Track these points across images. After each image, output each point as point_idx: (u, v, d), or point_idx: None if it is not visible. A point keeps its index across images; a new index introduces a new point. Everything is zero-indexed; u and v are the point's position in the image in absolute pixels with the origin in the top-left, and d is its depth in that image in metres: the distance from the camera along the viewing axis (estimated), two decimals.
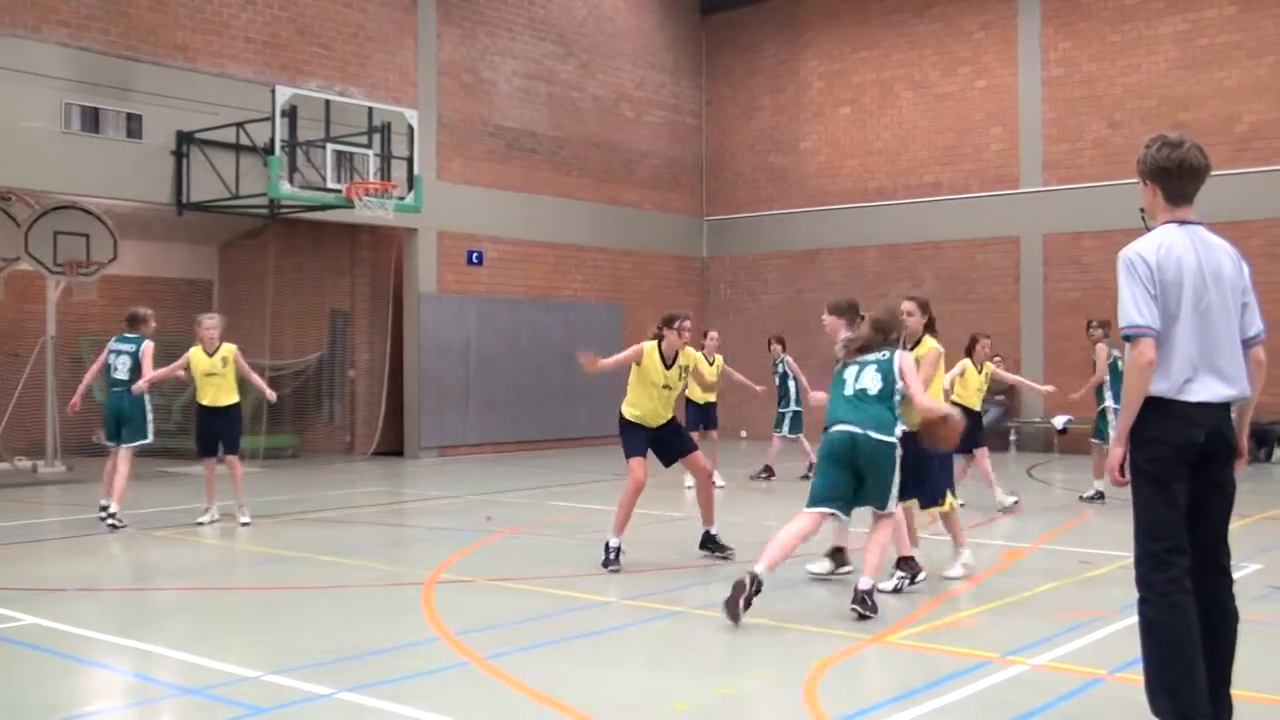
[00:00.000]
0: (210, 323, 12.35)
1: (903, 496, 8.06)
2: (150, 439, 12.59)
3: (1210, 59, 19.81)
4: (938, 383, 8.97)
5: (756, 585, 7.21)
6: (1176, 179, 5.00)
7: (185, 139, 16.94)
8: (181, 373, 12.72)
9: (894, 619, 7.50)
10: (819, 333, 25.86)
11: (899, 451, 7.68)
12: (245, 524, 11.97)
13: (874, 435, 7.57)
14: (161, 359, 12.77)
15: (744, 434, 23.35)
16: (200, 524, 12.01)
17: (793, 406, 16.30)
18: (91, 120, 16.28)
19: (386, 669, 6.39)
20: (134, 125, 16.64)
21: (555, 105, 22.59)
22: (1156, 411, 4.76)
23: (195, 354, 12.24)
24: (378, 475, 17.59)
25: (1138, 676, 6.02)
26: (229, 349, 12.27)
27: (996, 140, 21.98)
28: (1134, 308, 4.76)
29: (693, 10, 25.58)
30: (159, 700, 6.05)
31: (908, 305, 8.84)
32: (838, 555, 8.94)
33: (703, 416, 15.51)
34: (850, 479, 7.61)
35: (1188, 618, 4.73)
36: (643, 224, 24.19)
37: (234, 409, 12.40)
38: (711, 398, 15.36)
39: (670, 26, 25.02)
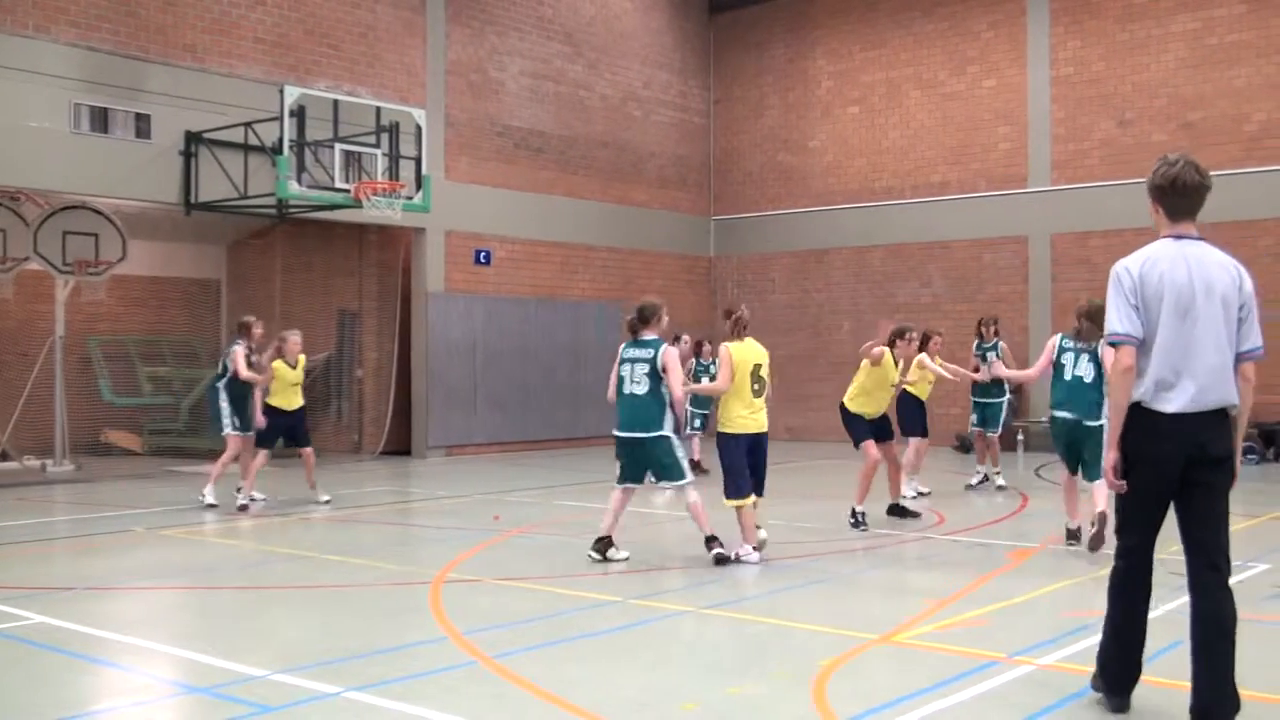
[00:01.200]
0: (295, 339, 13.62)
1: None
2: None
3: (1220, 58, 19.76)
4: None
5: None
6: (1171, 196, 5.28)
7: (194, 139, 16.97)
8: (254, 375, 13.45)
9: (902, 619, 7.49)
10: (829, 332, 25.85)
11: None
12: (326, 501, 13.42)
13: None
14: (170, 358, 13.26)
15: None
16: (242, 506, 12.99)
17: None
18: (100, 120, 16.32)
19: (394, 668, 6.40)
20: (143, 125, 16.68)
21: (563, 105, 22.59)
22: (1134, 419, 5.10)
23: (280, 367, 13.42)
24: (385, 474, 17.60)
25: (1146, 677, 6.02)
26: (302, 359, 13.70)
27: (1005, 139, 21.94)
28: (1116, 317, 5.14)
29: (701, 9, 25.57)
30: (167, 699, 6.05)
31: None
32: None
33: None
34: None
35: (1133, 611, 5.30)
36: (650, 223, 24.19)
37: (302, 411, 13.76)
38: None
39: (678, 26, 25.02)
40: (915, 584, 8.98)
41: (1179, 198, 5.27)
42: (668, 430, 9.51)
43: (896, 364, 11.83)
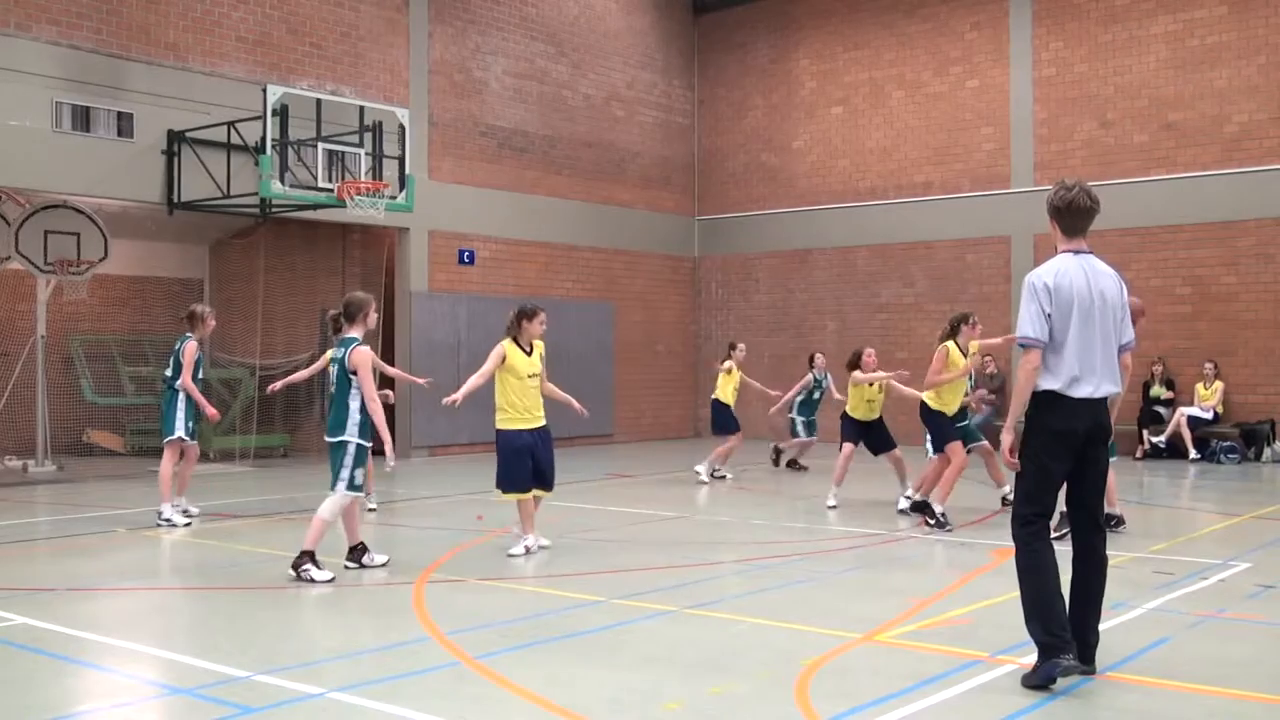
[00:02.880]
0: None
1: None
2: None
3: (1201, 59, 19.86)
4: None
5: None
6: (1067, 216, 6.18)
7: (176, 138, 16.91)
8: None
9: (884, 618, 7.51)
10: (812, 332, 25.88)
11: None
12: (372, 509, 12.98)
13: None
14: (153, 358, 13.03)
15: None
16: (370, 509, 12.91)
17: None
18: (82, 119, 16.25)
19: (377, 669, 6.39)
20: (125, 124, 16.61)
21: (547, 105, 22.58)
22: (1048, 405, 6.00)
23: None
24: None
25: (1128, 676, 6.07)
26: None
27: (988, 140, 22.01)
28: (1028, 322, 6.01)
29: (684, 10, 25.58)
30: (149, 700, 6.03)
31: None
32: None
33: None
34: None
35: (1046, 562, 5.99)
36: (634, 223, 24.20)
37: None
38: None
39: (662, 26, 25.02)
40: (897, 583, 9.01)
41: (1074, 218, 6.16)
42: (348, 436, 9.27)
43: (963, 352, 11.72)
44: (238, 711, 5.61)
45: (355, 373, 9.20)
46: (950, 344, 11.65)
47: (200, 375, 12.43)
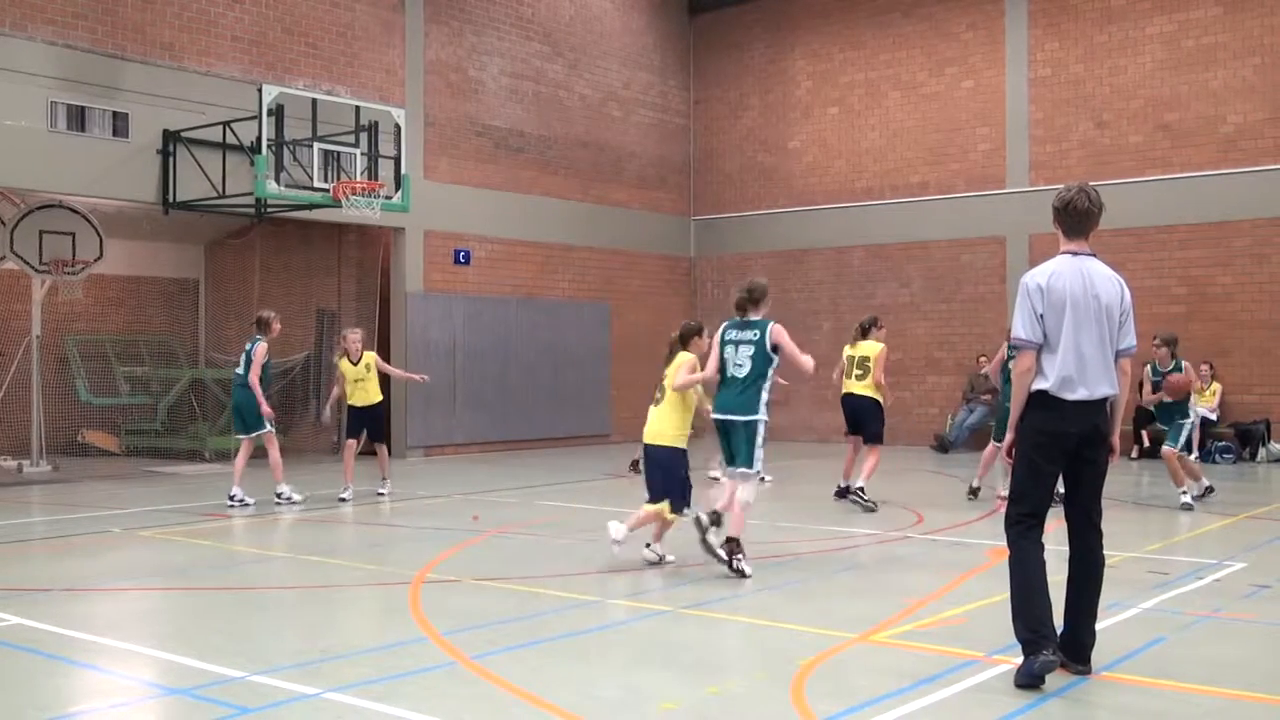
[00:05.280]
0: (354, 336, 14.03)
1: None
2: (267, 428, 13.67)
3: (1196, 60, 19.88)
4: None
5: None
6: (1066, 217, 6.19)
7: (172, 138, 16.89)
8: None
9: (880, 618, 7.52)
10: (808, 332, 25.92)
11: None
12: (382, 494, 14.30)
13: None
14: (148, 358, 13.25)
15: None
16: (343, 499, 13.85)
17: None
18: (78, 119, 16.23)
19: (373, 669, 6.38)
20: (120, 124, 16.60)
21: (543, 105, 22.58)
22: (1041, 406, 5.99)
23: (343, 364, 13.93)
24: (364, 475, 17.53)
25: (1123, 675, 6.07)
26: (370, 356, 14.00)
27: (983, 140, 22.02)
28: (1021, 324, 6.03)
29: (680, 10, 25.58)
30: (145, 701, 6.03)
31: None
32: None
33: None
34: None
35: (1032, 561, 5.99)
36: (630, 223, 24.20)
37: (380, 406, 14.29)
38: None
39: (658, 26, 25.02)
40: (894, 583, 9.01)
41: (1073, 219, 6.16)
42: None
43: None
44: (234, 712, 5.61)
45: (777, 349, 9.10)
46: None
47: (266, 375, 13.74)
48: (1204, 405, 18.85)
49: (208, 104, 17.14)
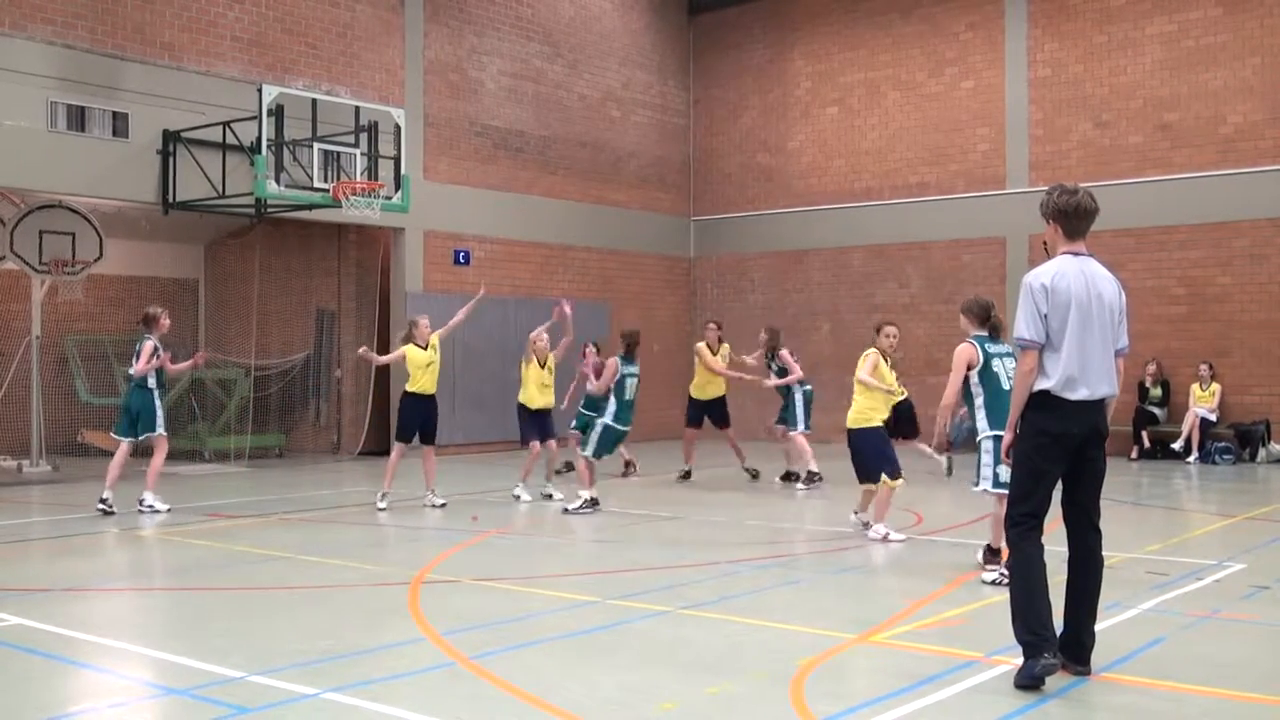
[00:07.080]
0: (424, 322, 13.83)
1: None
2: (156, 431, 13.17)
3: (1196, 60, 19.88)
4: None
5: None
6: (1072, 219, 6.21)
7: (171, 138, 16.89)
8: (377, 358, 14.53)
9: (879, 619, 7.52)
10: (808, 333, 25.84)
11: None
12: (440, 505, 13.41)
13: None
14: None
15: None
16: (380, 509, 13.15)
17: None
18: (78, 119, 16.23)
19: (372, 669, 6.39)
20: (120, 124, 16.59)
21: (542, 105, 22.58)
22: (1044, 405, 5.99)
23: (412, 351, 13.49)
24: (364, 475, 17.55)
25: (1123, 676, 6.08)
26: (434, 337, 13.77)
27: (983, 141, 22.02)
28: (1024, 324, 6.04)
29: (680, 10, 25.58)
30: (145, 701, 6.03)
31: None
32: None
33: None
34: None
35: (1033, 562, 5.98)
36: (629, 224, 24.20)
37: (434, 399, 13.84)
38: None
39: (657, 26, 25.03)
40: (893, 584, 9.01)
41: (1079, 221, 6.21)
42: None
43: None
44: (233, 712, 5.61)
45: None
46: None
47: (161, 374, 13.22)
48: (1204, 405, 18.85)
49: (207, 104, 17.14)
